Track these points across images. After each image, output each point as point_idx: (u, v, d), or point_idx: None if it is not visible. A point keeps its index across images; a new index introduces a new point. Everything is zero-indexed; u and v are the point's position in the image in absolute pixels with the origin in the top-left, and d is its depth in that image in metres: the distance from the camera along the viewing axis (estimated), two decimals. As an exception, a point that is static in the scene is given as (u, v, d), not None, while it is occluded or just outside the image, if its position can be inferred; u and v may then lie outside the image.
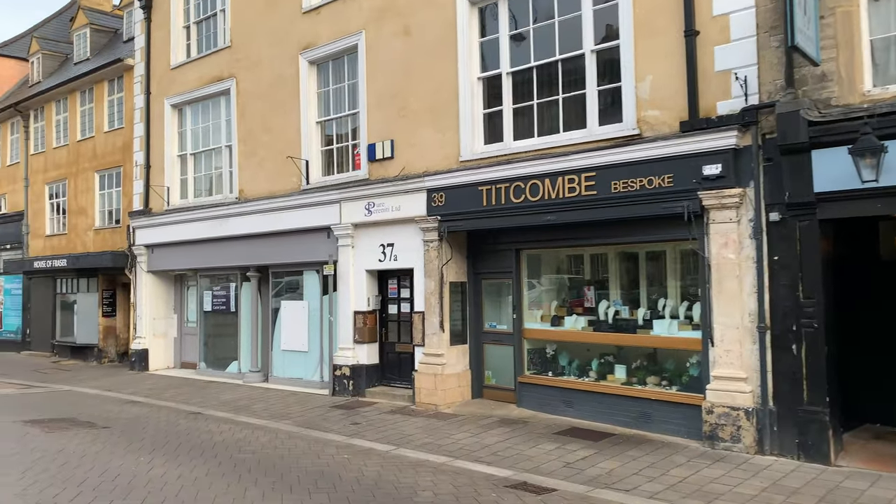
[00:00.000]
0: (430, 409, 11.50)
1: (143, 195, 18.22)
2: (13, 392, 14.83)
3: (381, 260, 12.80)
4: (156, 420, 11.25)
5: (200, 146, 17.13)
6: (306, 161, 14.18)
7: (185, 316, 18.38)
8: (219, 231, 15.97)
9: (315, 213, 13.75)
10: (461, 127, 11.58)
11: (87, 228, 21.04)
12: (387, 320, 13.29)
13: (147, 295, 18.14)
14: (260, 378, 15.28)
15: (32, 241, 23.34)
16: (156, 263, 18.00)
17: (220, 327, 16.80)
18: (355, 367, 12.98)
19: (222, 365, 16.45)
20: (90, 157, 21.01)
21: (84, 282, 20.89)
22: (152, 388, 14.96)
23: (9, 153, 25.26)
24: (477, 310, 12.15)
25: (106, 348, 20.29)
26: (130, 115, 19.36)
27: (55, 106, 22.62)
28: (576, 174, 10.03)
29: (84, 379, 16.91)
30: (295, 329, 14.60)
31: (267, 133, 15.10)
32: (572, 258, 11.61)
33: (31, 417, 11.26)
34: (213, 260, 16.35)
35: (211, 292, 16.89)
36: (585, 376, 10.78)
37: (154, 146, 18.09)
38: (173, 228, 17.22)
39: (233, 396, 13.59)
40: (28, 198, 23.62)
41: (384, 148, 12.71)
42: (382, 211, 12.58)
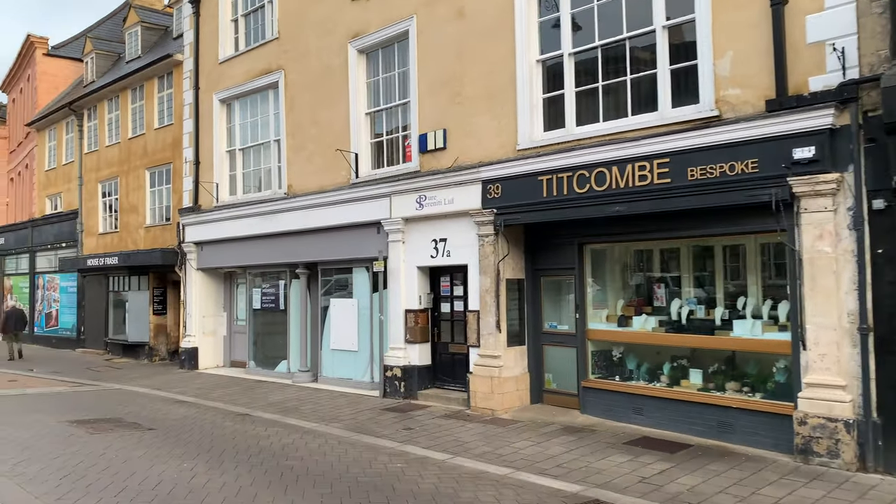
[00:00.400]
0: (486, 415, 10.82)
1: (193, 192, 18.02)
2: (65, 390, 14.73)
3: (433, 256, 12.18)
4: (202, 422, 10.86)
5: (249, 141, 16.80)
6: (355, 154, 13.66)
7: (234, 314, 18.12)
8: (267, 227, 15.60)
9: (364, 207, 13.22)
10: (519, 113, 10.86)
11: (138, 226, 21.03)
12: (439, 319, 12.66)
13: (197, 293, 17.93)
14: (309, 378, 14.84)
15: (86, 239, 23.52)
16: (205, 261, 17.77)
17: (269, 326, 16.45)
18: (407, 368, 12.39)
19: (271, 364, 16.09)
20: (141, 154, 20.99)
21: (135, 280, 20.89)
22: (201, 388, 14.67)
23: (64, 152, 25.56)
24: (536, 309, 11.41)
25: (157, 346, 20.22)
26: (180, 112, 19.22)
27: (107, 104, 22.72)
28: (647, 161, 9.20)
29: (134, 377, 16.78)
30: (344, 328, 14.10)
31: (315, 126, 14.65)
32: (640, 253, 10.78)
33: (78, 417, 11.01)
34: (262, 257, 16.00)
35: (260, 290, 16.56)
36: (656, 381, 9.94)
37: (203, 142, 17.87)
38: (222, 225, 16.95)
39: (281, 397, 13.16)
40: (82, 196, 23.82)
41: (436, 138, 12.08)
42: (434, 204, 11.95)
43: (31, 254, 26.57)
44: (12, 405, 12.43)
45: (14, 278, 27.94)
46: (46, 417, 10.90)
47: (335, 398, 12.82)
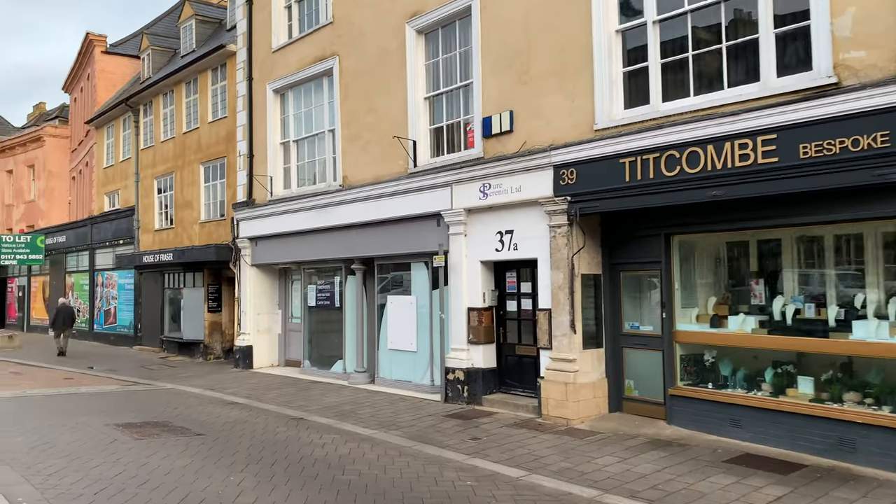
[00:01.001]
0: (559, 424, 9.79)
1: (247, 186, 17.50)
2: (117, 389, 14.34)
3: (497, 249, 11.21)
4: (253, 426, 10.16)
5: (303, 132, 16.15)
6: (413, 142, 12.79)
7: (289, 311, 17.53)
8: (322, 221, 14.90)
9: (423, 198, 12.35)
10: (596, 90, 9.78)
11: (192, 222, 20.71)
12: (505, 318, 11.68)
13: (251, 290, 17.40)
14: (366, 379, 14.06)
15: (142, 235, 23.40)
16: (259, 257, 17.23)
17: (324, 324, 15.77)
18: (470, 371, 11.46)
19: (327, 364, 15.40)
20: (195, 148, 20.65)
21: (190, 276, 20.56)
22: (254, 389, 14.06)
23: (121, 149, 25.56)
24: (614, 308, 10.32)
25: (211, 344, 19.83)
26: (233, 104, 18.75)
27: (162, 99, 22.52)
28: (749, 137, 8.03)
29: (188, 376, 16.34)
30: (402, 327, 13.27)
31: (371, 114, 13.85)
32: (735, 245, 9.57)
33: (125, 420, 10.45)
34: (316, 252, 15.32)
35: (315, 287, 15.89)
36: (756, 390, 8.74)
37: (257, 134, 17.33)
38: (277, 220, 16.35)
39: (337, 400, 12.41)
40: (138, 193, 23.72)
41: (501, 121, 11.09)
42: (500, 193, 10.98)
43: (91, 251, 26.71)
44: (63, 405, 12.02)
45: (75, 276, 28.19)
46: (93, 419, 10.38)
47: (394, 402, 11.98)
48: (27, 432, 9.32)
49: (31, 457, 8.00)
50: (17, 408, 11.55)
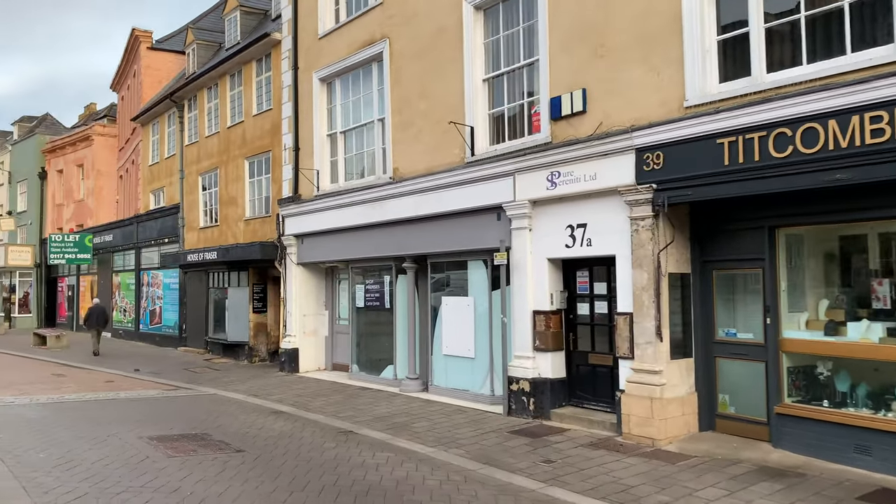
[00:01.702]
0: (644, 444, 8.55)
1: (293, 181, 16.65)
2: (156, 394, 13.60)
3: (568, 245, 10.01)
4: (299, 441, 9.18)
5: (351, 122, 15.20)
6: (471, 128, 11.68)
7: (336, 313, 16.63)
8: (371, 217, 13.92)
9: (482, 189, 11.23)
10: (686, 61, 8.52)
11: (237, 219, 20.01)
12: (575, 323, 10.48)
13: (297, 289, 16.55)
14: (418, 386, 13.02)
15: (187, 233, 22.85)
16: (306, 255, 16.35)
17: (373, 326, 14.78)
18: (537, 382, 10.28)
19: (376, 368, 14.40)
20: (240, 143, 19.94)
21: (235, 275, 19.85)
22: (300, 395, 13.15)
23: (166, 146, 25.12)
24: (705, 312, 9.04)
25: (256, 346, 19.08)
26: (278, 95, 17.94)
27: (207, 93, 21.91)
28: (885, 109, 6.69)
29: (231, 381, 15.55)
30: (458, 330, 12.17)
31: (424, 99, 12.79)
32: (851, 239, 8.20)
33: (161, 432, 9.60)
34: (365, 250, 14.34)
35: (363, 286, 14.92)
36: (885, 410, 7.37)
37: (303, 126, 16.46)
38: (323, 216, 15.44)
39: (389, 410, 11.38)
40: (183, 190, 23.18)
41: (573, 101, 9.90)
42: (571, 182, 9.78)
43: (137, 250, 26.36)
44: (98, 412, 11.27)
45: (121, 275, 27.93)
46: (126, 431, 9.55)
47: (451, 414, 10.89)
48: (53, 445, 8.52)
49: (51, 478, 7.15)
50: (50, 414, 10.84)
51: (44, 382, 15.24)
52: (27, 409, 11.34)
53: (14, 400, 12.24)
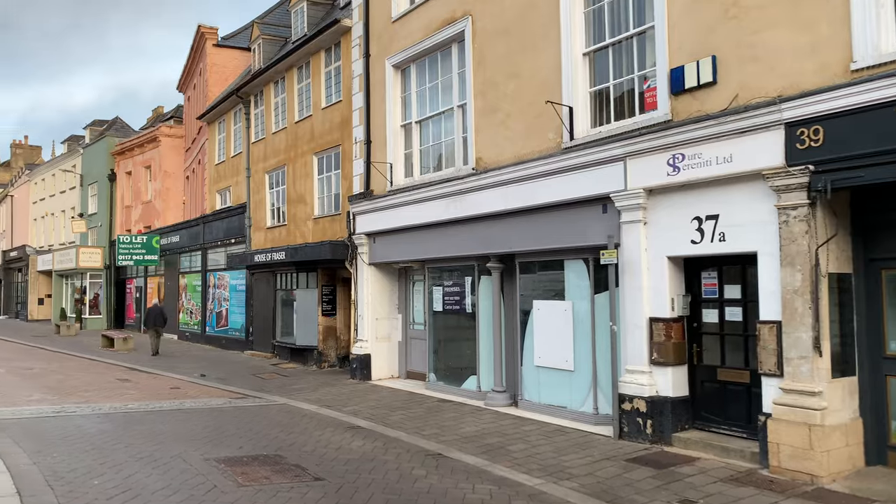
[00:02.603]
0: (800, 481, 7.02)
1: (364, 176, 15.59)
2: (224, 404, 12.68)
3: (694, 241, 8.53)
4: (384, 466, 7.99)
5: (427, 111, 14.01)
6: (569, 109, 10.31)
7: (410, 317, 15.47)
8: (451, 212, 12.70)
9: (583, 178, 9.86)
10: (854, 13, 6.96)
11: (305, 218, 19.10)
12: (699, 332, 8.98)
13: (368, 291, 15.47)
14: (505, 400, 11.70)
15: (254, 234, 22.13)
16: (378, 254, 15.25)
17: (452, 331, 13.55)
18: (654, 401, 8.82)
19: (457, 379, 13.15)
20: (308, 138, 19.03)
21: (303, 277, 18.95)
22: (376, 407, 12.01)
23: (232, 144, 24.53)
24: (871, 320, 7.45)
25: (326, 351, 18.10)
26: (348, 85, 16.93)
27: (273, 88, 21.13)
28: None
29: (301, 389, 14.57)
30: (554, 339, 10.80)
31: (512, 80, 11.49)
32: None
33: (229, 452, 8.56)
34: (444, 248, 13.12)
35: (442, 289, 13.69)
36: None
37: (374, 118, 15.38)
38: (397, 212, 14.30)
39: (477, 428, 10.11)
40: (249, 188, 22.49)
41: (699, 70, 8.42)
42: (698, 165, 8.30)
43: (203, 251, 25.89)
44: (162, 425, 10.36)
45: (188, 276, 27.56)
46: (192, 451, 8.54)
47: (550, 435, 9.53)
48: (110, 469, 7.55)
49: (105, 512, 6.14)
50: (110, 428, 9.97)
51: (108, 388, 14.57)
52: (87, 420, 10.52)
53: (76, 409, 11.49)
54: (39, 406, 11.96)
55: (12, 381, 15.52)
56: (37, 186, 48.18)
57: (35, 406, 11.95)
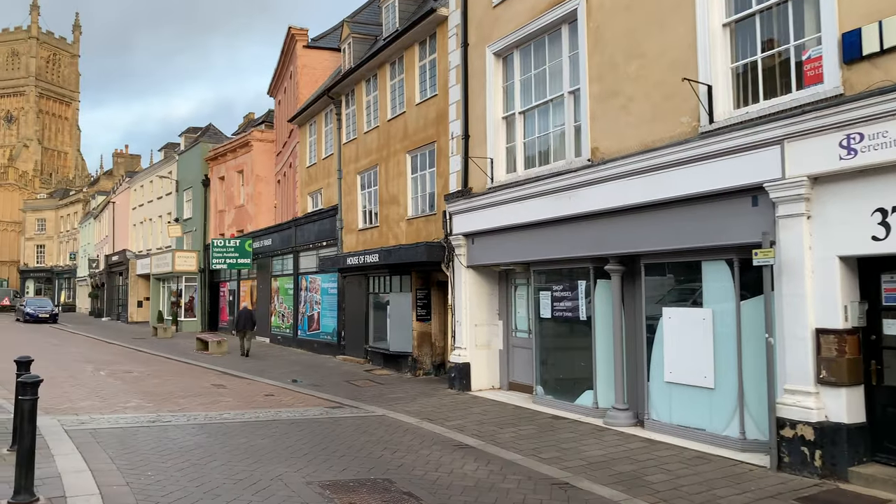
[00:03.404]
0: None
1: (461, 173, 14.65)
2: (319, 414, 11.99)
3: (877, 238, 7.10)
4: (506, 497, 6.99)
5: (533, 100, 12.94)
6: (707, 87, 9.01)
7: (512, 323, 14.42)
8: (560, 209, 11.57)
9: (727, 166, 8.55)
10: None
11: (398, 219, 18.37)
12: (879, 347, 7.52)
13: (467, 296, 14.51)
14: (628, 420, 10.46)
15: (345, 236, 21.62)
16: (477, 256, 14.28)
17: (563, 340, 12.40)
18: (824, 428, 7.42)
19: (568, 393, 11.98)
20: (401, 136, 18.30)
21: (396, 280, 18.22)
22: (482, 422, 11.02)
23: (323, 146, 24.18)
24: None
25: (420, 358, 17.28)
26: (444, 78, 16.06)
27: (365, 86, 20.56)
28: None
29: (398, 398, 13.76)
30: (689, 352, 9.49)
31: (636, 59, 10.27)
32: None
33: (333, 475, 7.74)
34: (552, 249, 12.01)
35: (550, 293, 12.55)
36: None
37: (473, 111, 14.43)
38: (498, 211, 13.29)
39: (602, 452, 8.94)
40: (341, 190, 22.00)
41: (882, 32, 7.00)
42: (883, 146, 6.91)
43: (295, 254, 25.70)
44: (258, 439, 9.71)
45: (280, 279, 27.47)
46: (292, 471, 7.78)
47: (691, 463, 8.26)
48: (207, 494, 6.84)
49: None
50: (205, 441, 9.39)
51: (202, 395, 14.20)
52: (183, 432, 10.00)
53: (171, 419, 11.03)
54: (136, 413, 11.61)
55: (113, 385, 15.44)
56: (136, 193, 50.02)
57: (132, 413, 11.60)
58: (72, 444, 8.63)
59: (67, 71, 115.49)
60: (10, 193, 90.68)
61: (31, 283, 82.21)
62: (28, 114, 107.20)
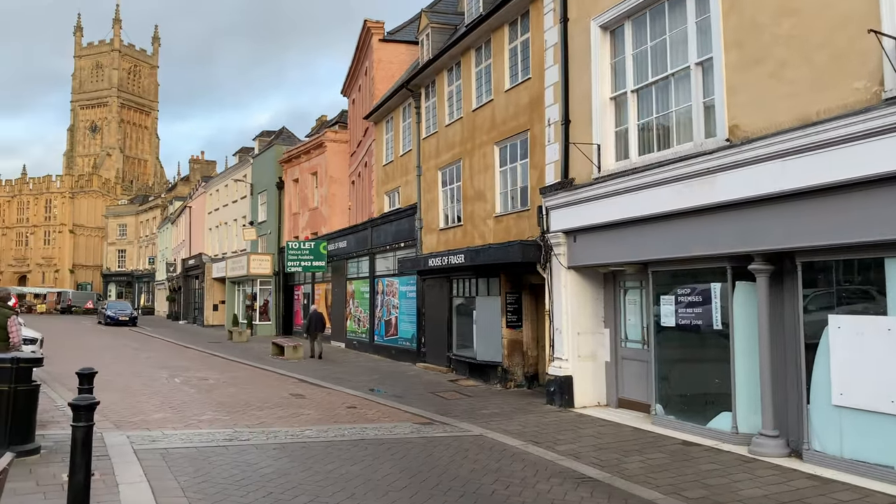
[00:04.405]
0: None
1: (561, 162, 13.14)
2: (410, 433, 10.67)
3: None
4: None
5: (649, 76, 11.31)
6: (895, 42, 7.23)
7: (621, 332, 12.78)
8: (688, 200, 9.93)
9: (927, 139, 6.74)
10: None
11: (485, 217, 16.96)
12: None
13: (568, 300, 12.98)
14: (780, 448, 8.72)
15: (425, 236, 20.37)
16: (580, 256, 12.73)
17: (690, 352, 10.71)
18: None
19: (698, 414, 10.28)
20: (487, 127, 16.90)
21: (483, 283, 16.81)
22: (599, 447, 9.47)
23: (401, 142, 23.04)
24: None
25: (511, 368, 15.80)
26: (539, 60, 14.58)
27: (447, 76, 19.27)
28: None
29: (492, 414, 12.34)
30: (870, 369, 7.70)
31: (787, 18, 8.56)
32: None
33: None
34: (677, 247, 10.35)
35: (673, 298, 10.87)
36: None
37: (575, 92, 12.91)
38: (607, 204, 11.73)
39: (762, 491, 7.28)
40: (420, 188, 20.78)
41: None
42: None
43: (371, 256, 24.65)
44: (347, 465, 8.44)
45: (355, 283, 26.50)
46: (392, 511, 6.46)
47: (893, 513, 6.50)
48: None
49: None
50: (289, 467, 8.17)
51: (280, 406, 13.13)
52: (263, 454, 8.83)
53: (249, 436, 9.92)
54: (211, 428, 10.56)
55: (188, 393, 14.59)
56: (211, 197, 50.41)
57: (207, 428, 10.57)
58: (140, 469, 7.55)
59: (147, 81, 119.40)
60: (94, 200, 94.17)
61: (113, 286, 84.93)
62: (111, 123, 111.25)
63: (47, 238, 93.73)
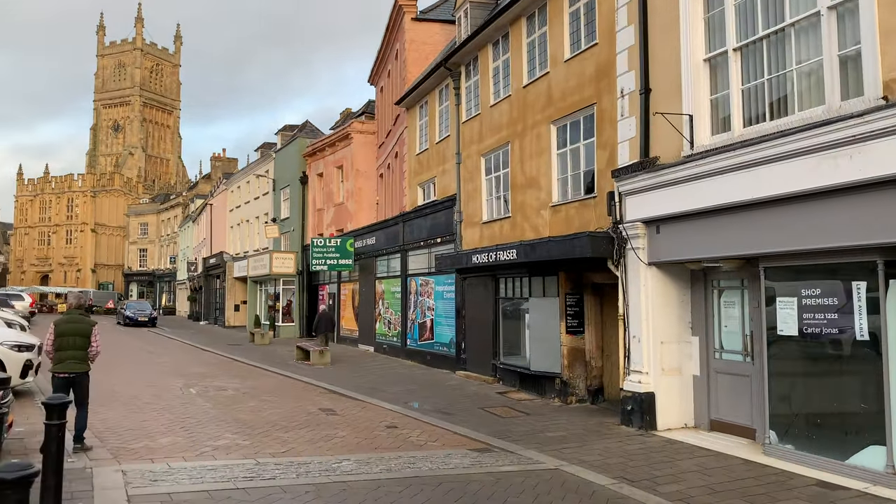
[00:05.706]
0: None
1: (639, 139, 11.12)
2: (469, 466, 8.70)
3: None
4: None
5: (758, 30, 9.24)
6: None
7: (714, 340, 10.73)
8: (822, 178, 7.89)
9: None
10: None
11: (539, 207, 14.94)
12: None
13: (648, 302, 10.96)
14: (967, 499, 6.62)
15: (465, 230, 18.40)
16: (665, 250, 10.70)
17: (817, 365, 8.63)
18: None
19: (832, 446, 8.19)
20: (542, 104, 14.88)
21: (538, 282, 14.79)
22: (713, 489, 7.47)
23: (437, 128, 21.07)
24: None
25: (572, 381, 13.76)
26: (608, 22, 12.56)
27: (491, 50, 17.27)
28: None
29: (561, 438, 10.35)
30: None
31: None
32: None
33: None
34: (802, 237, 8.30)
35: (795, 300, 8.77)
36: None
37: (656, 56, 10.88)
38: (701, 186, 9.70)
39: None
40: (460, 177, 18.80)
41: None
42: None
43: (402, 253, 22.72)
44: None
45: (385, 282, 24.59)
46: None
47: None
48: None
49: None
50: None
51: (310, 425, 11.25)
52: (293, 500, 6.91)
53: (274, 471, 8.02)
54: (228, 459, 8.69)
55: (202, 408, 12.77)
56: (233, 194, 48.87)
57: (222, 459, 8.69)
58: (130, 531, 5.68)
59: (169, 80, 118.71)
60: (115, 199, 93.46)
61: (135, 286, 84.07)
62: (133, 122, 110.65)
63: (69, 237, 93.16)
